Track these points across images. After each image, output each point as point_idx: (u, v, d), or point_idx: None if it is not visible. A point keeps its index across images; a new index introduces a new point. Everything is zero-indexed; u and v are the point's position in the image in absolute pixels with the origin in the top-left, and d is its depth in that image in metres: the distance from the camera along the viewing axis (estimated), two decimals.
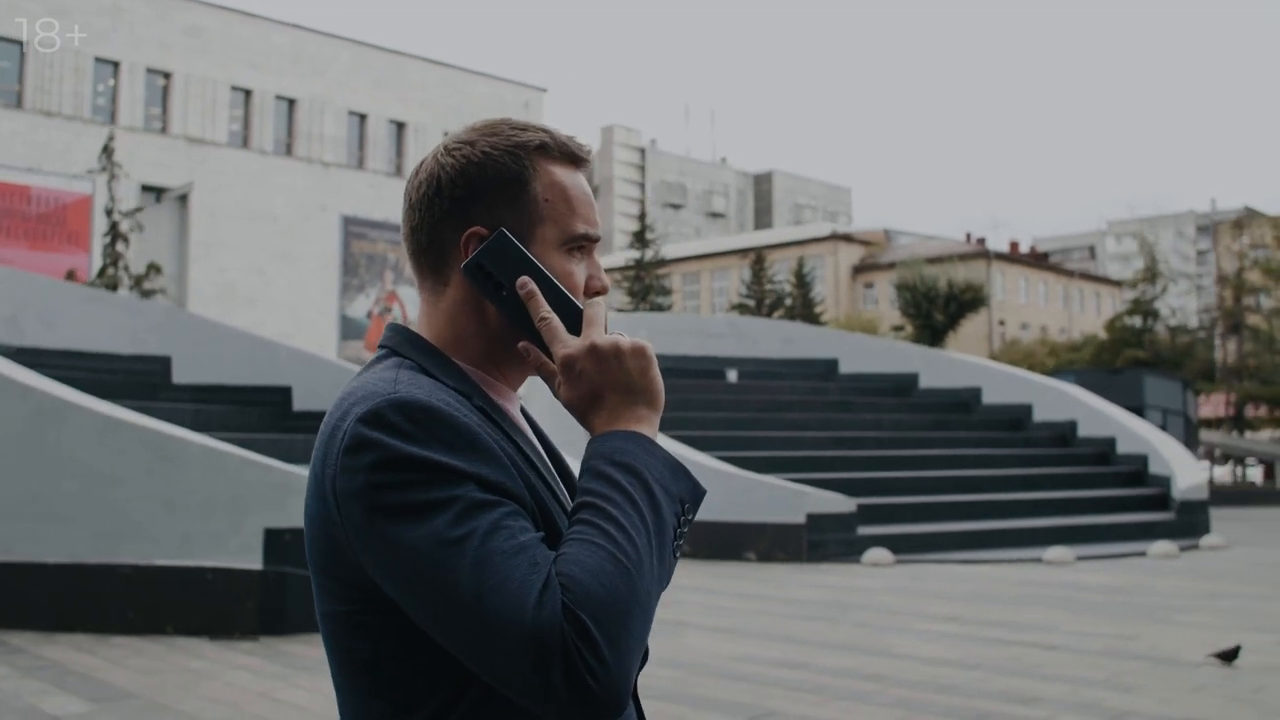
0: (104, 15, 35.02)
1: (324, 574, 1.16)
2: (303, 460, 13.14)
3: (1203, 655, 7.74)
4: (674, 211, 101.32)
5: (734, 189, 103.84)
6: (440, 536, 1.04)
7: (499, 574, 1.02)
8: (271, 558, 8.46)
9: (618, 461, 1.13)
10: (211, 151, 37.31)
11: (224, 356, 14.59)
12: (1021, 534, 15.46)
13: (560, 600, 1.02)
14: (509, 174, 1.22)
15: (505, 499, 1.09)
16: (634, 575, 1.05)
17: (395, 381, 1.14)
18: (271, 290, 38.34)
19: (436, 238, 1.23)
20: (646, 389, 1.18)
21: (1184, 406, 24.68)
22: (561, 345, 1.18)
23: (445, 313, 1.24)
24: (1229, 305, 40.27)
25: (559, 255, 1.23)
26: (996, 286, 59.88)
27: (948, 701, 6.47)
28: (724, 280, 66.71)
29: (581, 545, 1.06)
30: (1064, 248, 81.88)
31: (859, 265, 64.54)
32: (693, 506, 1.17)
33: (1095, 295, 67.00)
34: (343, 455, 1.10)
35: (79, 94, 34.55)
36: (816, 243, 65.60)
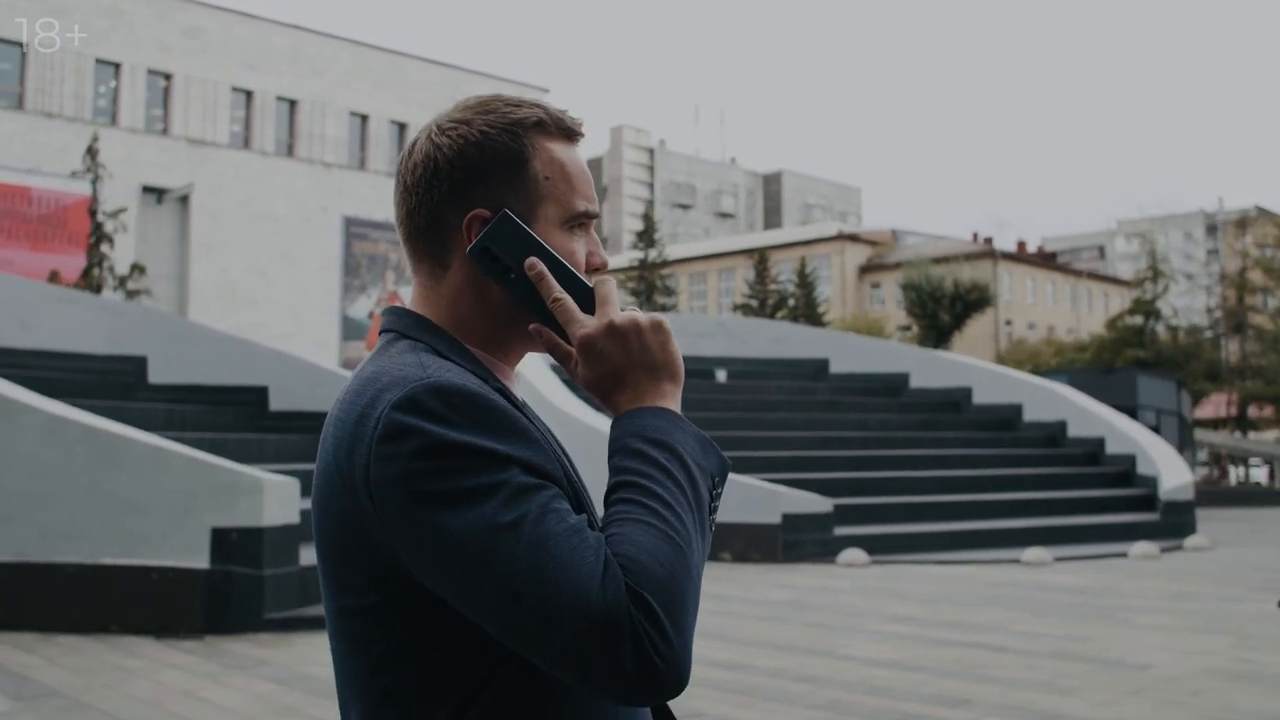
0: (104, 16, 35.15)
1: (345, 566, 1.13)
2: (275, 460, 13.15)
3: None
4: (683, 212, 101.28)
5: (743, 189, 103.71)
6: (492, 522, 1.02)
7: (558, 558, 1.01)
8: (218, 557, 8.46)
9: (652, 438, 1.11)
10: (212, 153, 37.42)
11: (200, 356, 14.61)
12: (1004, 534, 15.35)
13: (623, 581, 1.01)
14: (509, 153, 1.19)
15: (548, 481, 1.07)
16: (686, 552, 1.05)
17: (423, 365, 1.12)
18: (273, 291, 38.42)
19: (436, 221, 1.20)
20: (668, 363, 1.17)
21: (1178, 406, 24.50)
22: (579, 325, 1.16)
23: (446, 296, 1.21)
24: (1232, 305, 39.98)
25: (561, 234, 1.21)
26: (1003, 286, 59.63)
27: (876, 704, 6.41)
28: (730, 280, 66.56)
29: (633, 525, 1.05)
30: (1074, 247, 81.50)
31: (865, 265, 64.36)
32: (721, 481, 1.16)
33: (1104, 295, 66.64)
34: (379, 443, 1.06)
35: (80, 95, 34.69)
36: (823, 243, 65.44)
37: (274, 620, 8.50)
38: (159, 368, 14.43)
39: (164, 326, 14.93)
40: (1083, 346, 47.32)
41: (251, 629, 8.39)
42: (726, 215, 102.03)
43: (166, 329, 14.85)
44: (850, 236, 65.55)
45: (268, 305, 38.19)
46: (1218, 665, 7.56)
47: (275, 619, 8.51)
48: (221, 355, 14.62)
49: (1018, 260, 63.19)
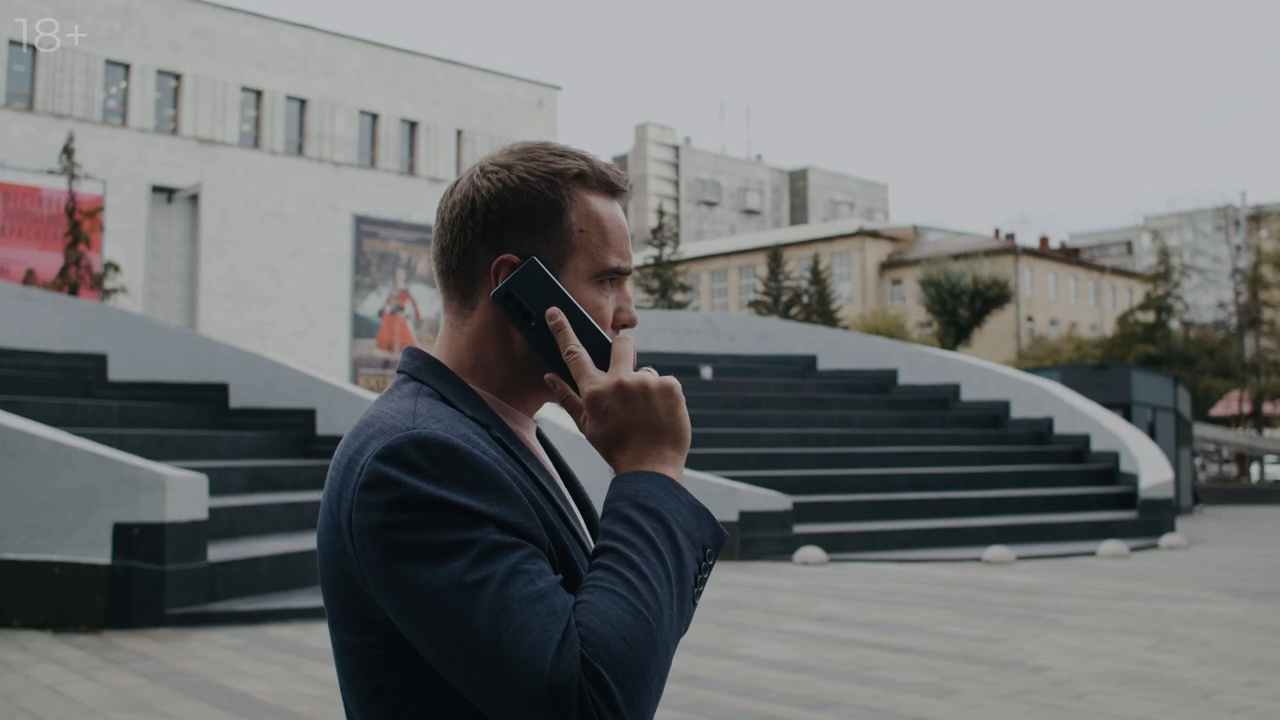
0: (114, 17, 35.48)
1: (336, 604, 1.15)
2: (229, 456, 13.20)
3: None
4: (708, 209, 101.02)
5: (769, 186, 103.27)
6: (457, 580, 1.03)
7: (517, 622, 1.01)
8: (120, 553, 8.45)
9: (641, 505, 1.11)
10: (223, 152, 37.68)
11: (161, 354, 14.66)
12: (978, 532, 15.11)
13: (579, 653, 1.00)
14: (545, 202, 1.19)
15: (524, 540, 1.07)
16: (654, 628, 1.04)
17: (414, 415, 1.12)
18: (283, 289, 38.65)
19: (467, 261, 1.21)
20: (673, 429, 1.16)
21: (1174, 403, 24.03)
22: (589, 381, 1.16)
23: (469, 336, 1.22)
24: (1246, 300, 39.28)
25: (590, 287, 1.21)
26: (1025, 282, 59.00)
27: (739, 705, 6.29)
28: (751, 278, 66.33)
29: (602, 594, 1.05)
30: (1101, 243, 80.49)
31: (886, 261, 63.90)
32: (714, 552, 1.15)
33: (1128, 290, 65.72)
34: (360, 491, 1.08)
35: (90, 96, 35.03)
36: (844, 239, 65.08)
37: (176, 615, 8.48)
38: (119, 365, 14.50)
39: (124, 324, 14.98)
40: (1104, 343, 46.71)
41: (152, 624, 8.38)
42: (752, 212, 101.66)
43: (127, 326, 14.91)
44: (871, 233, 65.11)
45: (278, 303, 38.43)
46: (1119, 668, 7.37)
47: (178, 614, 8.49)
48: (182, 353, 14.67)
49: (1040, 256, 62.46)
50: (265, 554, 9.66)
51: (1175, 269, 38.93)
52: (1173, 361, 35.60)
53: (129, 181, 35.53)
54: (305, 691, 6.54)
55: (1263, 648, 8.12)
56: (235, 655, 7.56)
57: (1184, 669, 7.36)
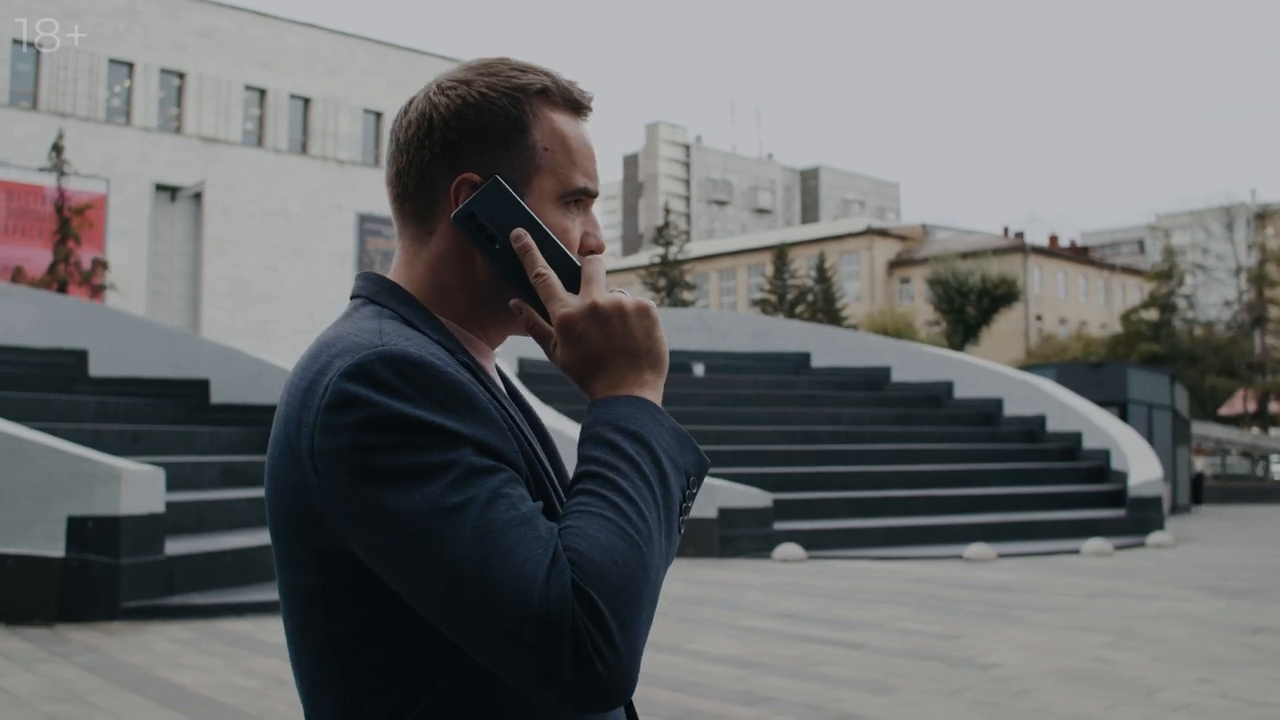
0: (118, 17, 35.64)
1: (292, 541, 1.06)
2: (205, 452, 13.20)
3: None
4: (719, 208, 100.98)
5: (780, 185, 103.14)
6: (436, 504, 0.95)
7: (502, 546, 0.94)
8: (74, 546, 8.45)
9: (624, 428, 1.04)
10: (226, 150, 37.81)
11: (143, 350, 14.69)
12: (964, 530, 15.01)
13: (570, 577, 0.94)
14: (507, 118, 1.12)
15: (503, 464, 1.00)
16: (644, 552, 0.98)
17: (380, 333, 1.05)
18: (286, 288, 38.75)
19: (424, 182, 1.14)
20: (651, 351, 1.10)
21: (1171, 401, 23.84)
22: (560, 304, 1.09)
23: (427, 264, 1.15)
24: (1251, 299, 38.96)
25: (556, 209, 1.14)
26: (1034, 281, 58.72)
27: (669, 699, 6.24)
28: (759, 277, 66.18)
29: (590, 518, 0.98)
30: (1112, 242, 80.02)
31: (895, 260, 63.69)
32: (697, 480, 1.09)
33: (1139, 289, 65.31)
34: (324, 412, 1.00)
35: (93, 96, 35.20)
36: (853, 238, 64.88)
37: (131, 609, 8.48)
38: (100, 361, 14.53)
39: (105, 320, 15.02)
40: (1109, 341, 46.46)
41: (106, 618, 8.38)
42: (763, 211, 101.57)
43: (108, 322, 14.94)
44: (880, 232, 64.91)
45: (281, 302, 38.53)
46: (1070, 665, 7.29)
47: (133, 608, 8.49)
48: (164, 349, 14.70)
49: (1049, 255, 62.13)
50: (227, 548, 9.66)
51: (1179, 267, 38.64)
52: (1177, 360, 35.32)
53: (132, 180, 35.69)
54: (241, 684, 6.52)
55: (1222, 646, 8.02)
56: (182, 648, 7.54)
57: (1135, 667, 7.27)
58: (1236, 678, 6.93)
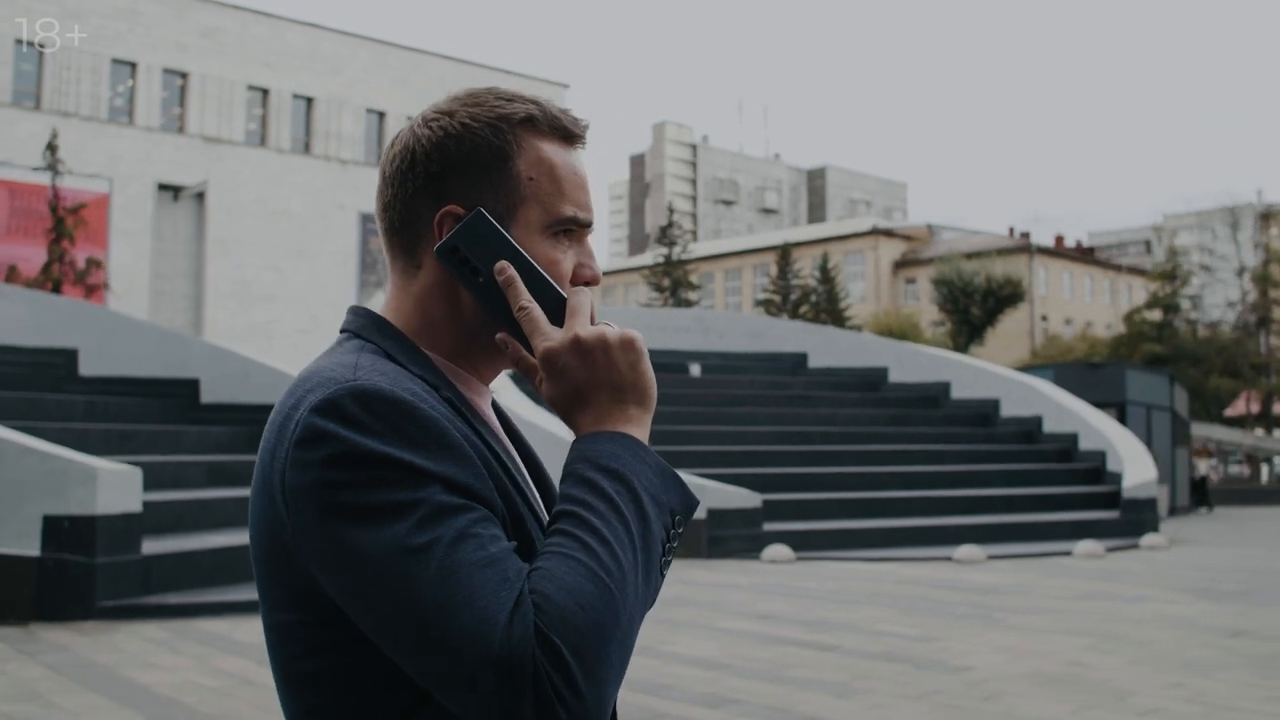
0: (120, 17, 35.70)
1: (267, 580, 1.05)
2: (193, 451, 13.19)
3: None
4: (726, 208, 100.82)
5: (787, 185, 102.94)
6: (401, 544, 0.94)
7: (466, 588, 0.92)
8: (50, 545, 8.45)
9: (603, 466, 1.02)
10: (228, 150, 37.84)
11: (133, 349, 14.69)
12: (956, 531, 14.94)
13: (533, 622, 0.91)
14: (489, 148, 1.10)
15: (474, 503, 0.98)
16: (616, 596, 0.95)
17: (355, 367, 1.03)
18: (289, 287, 38.77)
19: (409, 216, 1.12)
20: (636, 384, 1.07)
21: (1170, 402, 23.71)
22: (542, 338, 1.06)
23: (415, 298, 1.13)
24: (1255, 299, 38.74)
25: (543, 240, 1.12)
26: (1039, 281, 58.52)
27: (638, 701, 6.20)
28: (764, 277, 66.09)
29: (559, 559, 0.96)
30: (1120, 242, 79.72)
31: (900, 260, 63.54)
32: (684, 518, 1.06)
33: (1145, 290, 65.09)
34: (294, 448, 0.99)
35: (96, 95, 35.25)
36: (858, 238, 64.74)
37: (107, 608, 8.47)
38: (90, 360, 14.54)
39: (96, 319, 15.03)
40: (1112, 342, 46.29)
41: (82, 617, 8.37)
42: (770, 211, 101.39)
43: (98, 322, 14.95)
44: (885, 232, 64.75)
45: (283, 301, 38.55)
46: (1045, 668, 7.23)
47: (109, 607, 8.48)
48: (154, 348, 14.70)
49: (1054, 255, 61.92)
50: (206, 548, 9.65)
51: (1182, 267, 38.44)
52: (1180, 360, 35.13)
53: (135, 180, 35.74)
54: (204, 683, 6.50)
55: (1202, 649, 7.96)
56: (153, 648, 7.53)
57: (1111, 670, 7.21)
58: (1211, 681, 6.87)
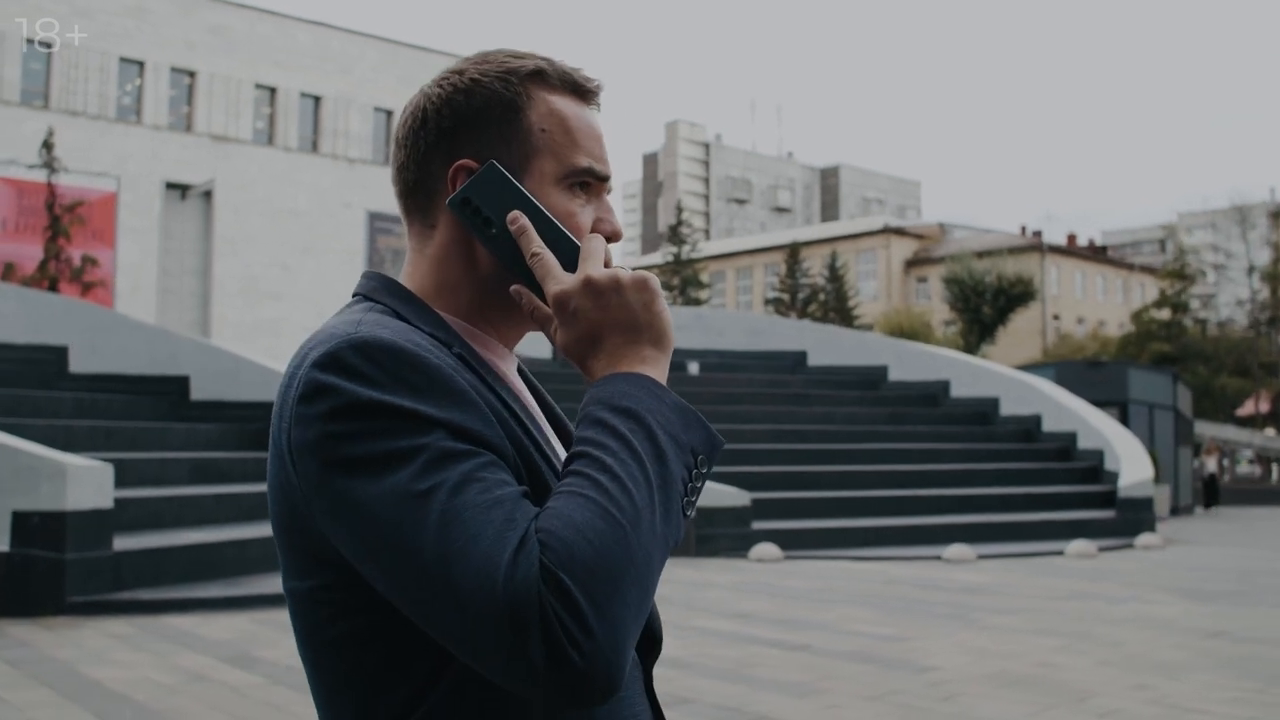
0: (128, 16, 35.82)
1: (286, 544, 1.04)
2: (180, 448, 13.20)
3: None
4: (739, 206, 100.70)
5: (800, 183, 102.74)
6: (403, 490, 0.91)
7: (468, 531, 0.89)
8: (18, 540, 8.46)
9: (616, 406, 0.98)
10: (236, 149, 37.94)
11: (123, 346, 14.72)
12: (950, 530, 14.83)
13: (538, 559, 0.88)
14: (500, 101, 1.10)
15: (480, 448, 0.95)
16: (629, 532, 0.91)
17: (358, 324, 1.02)
18: (296, 286, 38.84)
19: (423, 174, 1.11)
20: (651, 325, 1.04)
21: (1173, 401, 23.50)
22: (554, 282, 1.04)
23: (432, 258, 1.12)
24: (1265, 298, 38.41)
25: (558, 192, 1.10)
26: (1051, 280, 58.22)
27: None
28: (775, 275, 65.99)
29: (568, 498, 0.93)
30: (1134, 241, 79.28)
31: (912, 259, 63.30)
32: (707, 459, 1.02)
33: (1157, 288, 64.70)
34: (297, 404, 0.98)
35: (104, 94, 35.38)
36: (869, 236, 64.55)
37: (77, 604, 8.46)
38: (80, 357, 14.56)
39: (86, 317, 15.07)
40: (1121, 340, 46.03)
41: (51, 612, 8.37)
42: (783, 210, 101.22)
43: (89, 319, 14.99)
44: (897, 230, 64.54)
45: (291, 300, 38.62)
46: (1011, 669, 7.15)
47: (79, 603, 8.47)
48: (144, 345, 14.72)
49: (1066, 254, 61.57)
50: (181, 544, 9.64)
51: (1191, 266, 38.14)
52: (1189, 359, 34.85)
53: (143, 178, 35.86)
54: (159, 680, 6.47)
55: (1175, 650, 7.85)
56: (115, 644, 7.51)
57: (1079, 670, 7.12)
58: (1178, 683, 6.78)
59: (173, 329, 33.97)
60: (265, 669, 6.84)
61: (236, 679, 6.56)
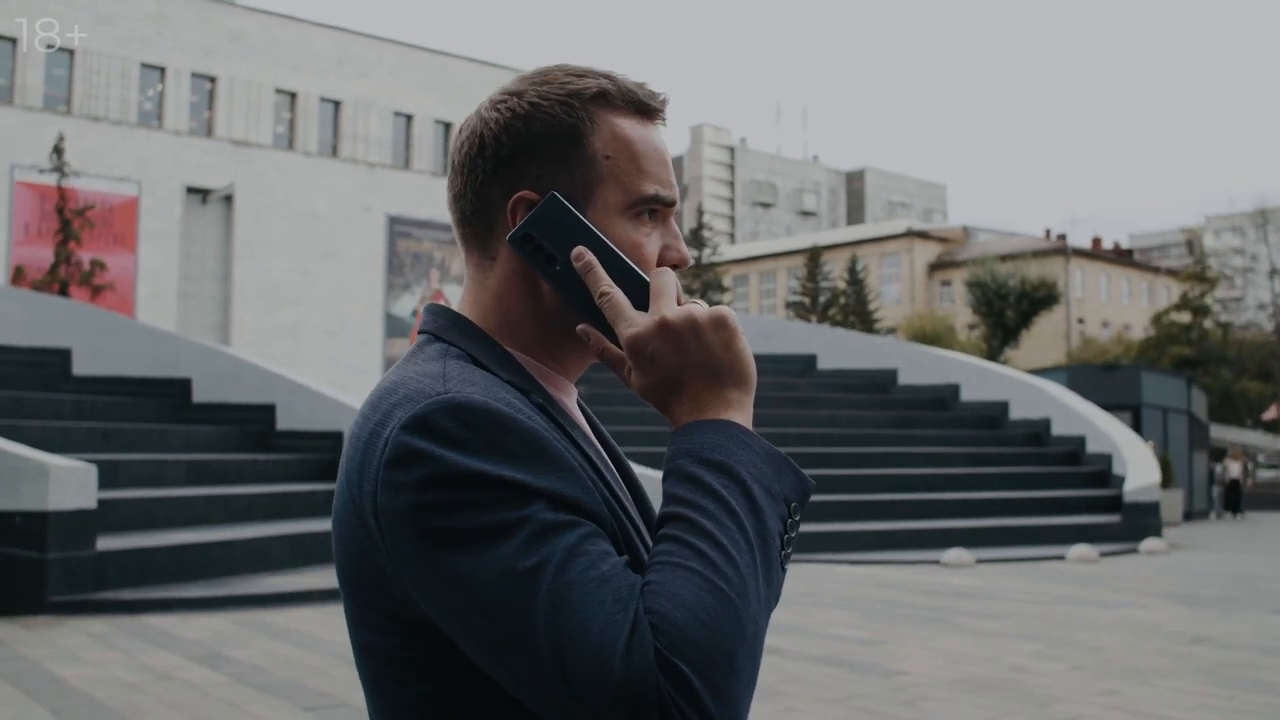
0: (149, 22, 36.21)
1: (359, 602, 1.01)
2: (180, 450, 13.30)
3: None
4: (764, 210, 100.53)
5: (825, 187, 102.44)
6: (507, 567, 0.89)
7: (580, 613, 0.87)
8: (0, 540, 8.53)
9: (707, 460, 0.96)
10: (256, 154, 38.23)
11: (126, 349, 14.86)
12: (952, 534, 14.67)
13: (652, 645, 0.86)
14: (561, 127, 1.05)
15: (581, 518, 0.93)
16: (738, 606, 0.89)
17: (444, 377, 0.98)
18: (316, 290, 39.07)
19: (482, 204, 1.07)
20: (733, 366, 1.00)
21: (1188, 405, 23.24)
22: (627, 324, 1.00)
23: (493, 291, 1.08)
24: None
25: (624, 221, 1.06)
26: (1075, 283, 57.75)
27: None
28: (798, 279, 65.81)
29: (672, 571, 0.90)
30: (1161, 244, 78.55)
31: (935, 262, 62.95)
32: (799, 506, 1.00)
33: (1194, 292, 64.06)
34: (385, 468, 0.94)
35: (125, 99, 35.76)
36: (893, 240, 64.23)
37: (59, 603, 8.54)
38: (84, 360, 14.71)
39: (89, 320, 15.23)
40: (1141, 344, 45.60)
41: (33, 612, 8.45)
42: (809, 214, 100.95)
43: (92, 322, 15.15)
44: (920, 234, 64.18)
45: (311, 303, 38.85)
46: (981, 674, 7.09)
47: (61, 602, 8.55)
48: (147, 348, 14.85)
49: (1091, 257, 61.06)
50: (167, 544, 9.71)
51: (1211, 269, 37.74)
52: (1210, 363, 34.47)
53: (164, 183, 36.19)
54: (123, 678, 6.52)
55: (1152, 656, 7.76)
56: (90, 642, 7.57)
57: (1049, 676, 7.05)
58: (1148, 689, 6.70)
59: (193, 333, 34.43)
60: (232, 668, 6.88)
61: (201, 678, 6.61)
